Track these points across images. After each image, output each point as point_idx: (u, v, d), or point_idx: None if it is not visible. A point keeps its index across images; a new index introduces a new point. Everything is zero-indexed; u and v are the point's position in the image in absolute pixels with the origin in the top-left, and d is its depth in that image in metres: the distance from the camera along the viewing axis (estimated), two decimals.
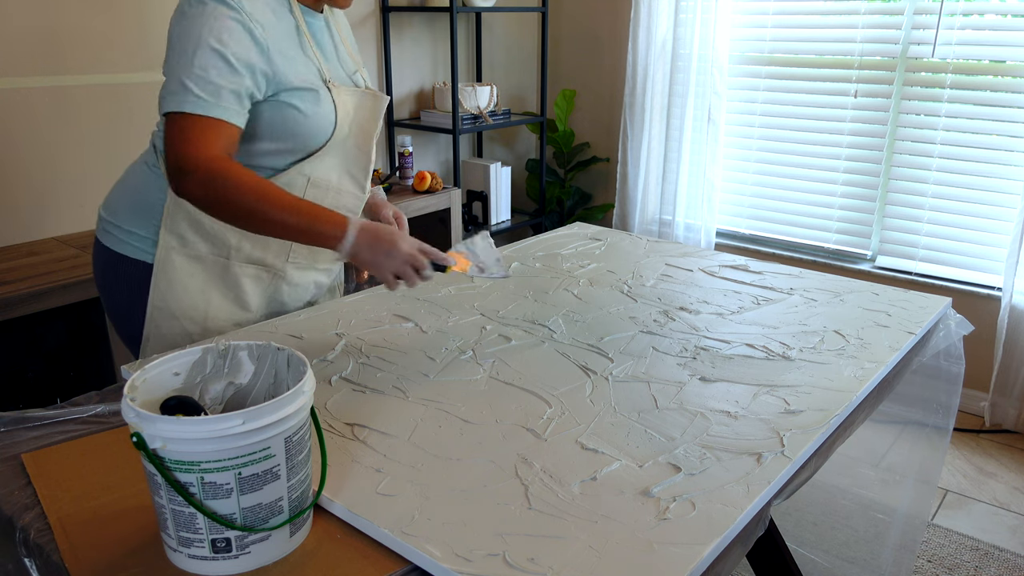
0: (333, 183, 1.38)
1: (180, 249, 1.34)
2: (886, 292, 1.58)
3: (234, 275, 1.37)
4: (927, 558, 2.08)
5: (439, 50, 3.45)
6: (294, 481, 0.80)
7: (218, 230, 1.34)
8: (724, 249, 3.35)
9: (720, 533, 0.83)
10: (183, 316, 1.36)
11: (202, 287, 1.36)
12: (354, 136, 1.38)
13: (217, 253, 1.35)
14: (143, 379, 0.84)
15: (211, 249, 1.35)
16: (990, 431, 2.77)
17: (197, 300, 1.36)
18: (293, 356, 0.88)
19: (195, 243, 1.34)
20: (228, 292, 1.38)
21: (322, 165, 1.35)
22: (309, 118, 1.28)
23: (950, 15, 2.69)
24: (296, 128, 1.28)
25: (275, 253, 1.39)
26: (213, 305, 1.37)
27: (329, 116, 1.31)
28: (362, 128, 1.40)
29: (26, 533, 0.85)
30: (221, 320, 1.38)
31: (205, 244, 1.34)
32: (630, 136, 3.38)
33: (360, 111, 1.39)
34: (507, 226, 3.45)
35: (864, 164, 2.99)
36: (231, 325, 1.39)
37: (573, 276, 1.64)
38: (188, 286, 1.35)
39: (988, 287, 2.79)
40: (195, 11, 1.18)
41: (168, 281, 1.35)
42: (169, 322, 1.36)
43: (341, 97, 1.33)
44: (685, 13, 3.15)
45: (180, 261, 1.34)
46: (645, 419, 1.06)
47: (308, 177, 1.34)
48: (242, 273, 1.38)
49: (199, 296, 1.36)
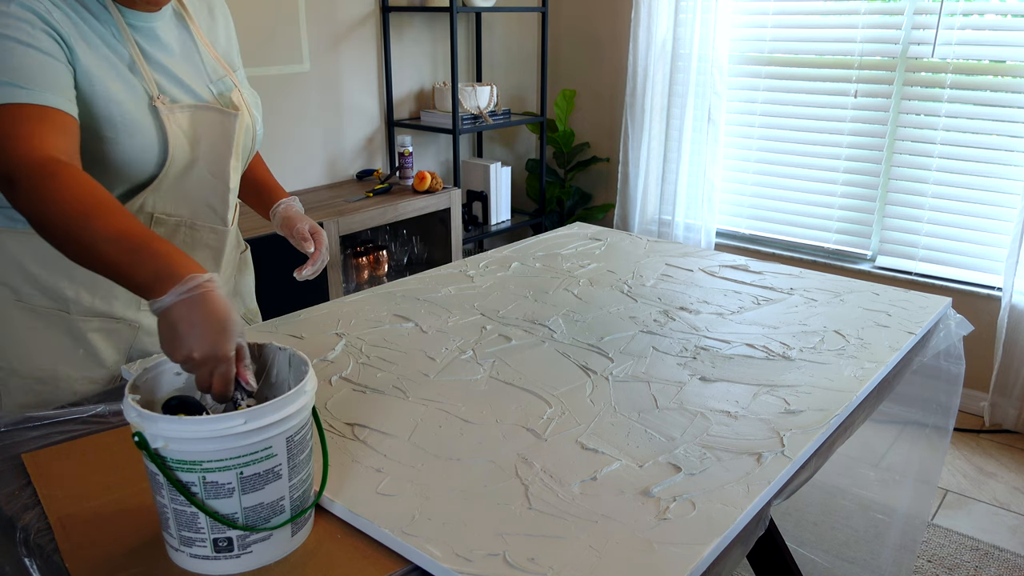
0: (185, 218, 1.16)
1: (14, 301, 1.13)
2: (886, 292, 1.58)
3: (79, 330, 1.15)
4: (927, 558, 2.08)
5: (439, 50, 3.45)
6: (296, 480, 0.80)
7: (48, 279, 1.12)
8: (724, 249, 3.35)
9: (720, 533, 0.83)
10: (30, 377, 1.15)
11: (45, 344, 1.14)
12: (205, 161, 1.15)
13: (54, 306, 1.13)
14: (145, 379, 0.84)
15: (47, 302, 1.13)
16: (990, 431, 2.77)
17: (42, 360, 1.14)
18: (295, 356, 0.88)
19: (30, 295, 1.12)
20: (76, 349, 1.16)
21: (164, 199, 1.12)
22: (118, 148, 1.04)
23: (950, 15, 2.69)
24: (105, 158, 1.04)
25: (124, 303, 1.18)
26: (61, 365, 1.15)
27: (151, 146, 1.07)
28: (214, 151, 1.16)
29: (26, 533, 0.85)
30: (74, 381, 1.17)
31: (40, 296, 1.13)
32: (630, 136, 3.38)
33: (206, 130, 1.15)
34: (507, 226, 3.45)
35: (864, 164, 2.99)
36: (87, 384, 1.18)
37: (573, 276, 1.64)
38: (29, 344, 1.14)
39: (988, 287, 2.79)
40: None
41: (9, 338, 1.14)
42: (16, 383, 1.16)
43: (174, 118, 1.09)
44: (685, 13, 3.15)
45: (17, 315, 1.13)
46: (645, 419, 1.06)
47: (151, 215, 1.12)
48: (87, 328, 1.15)
49: (44, 356, 1.14)
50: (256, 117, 1.25)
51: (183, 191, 1.15)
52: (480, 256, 1.77)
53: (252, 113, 1.23)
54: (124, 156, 1.05)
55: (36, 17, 0.97)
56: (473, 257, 1.76)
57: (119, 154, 1.05)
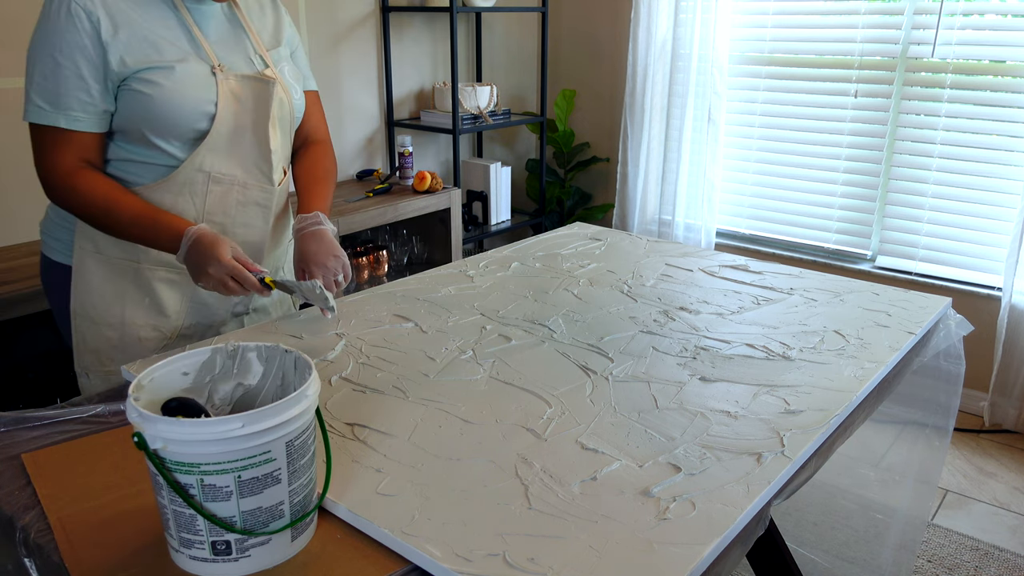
0: (238, 177, 1.33)
1: (93, 253, 1.31)
2: (886, 292, 1.58)
3: (146, 279, 1.33)
4: (927, 558, 2.08)
5: (439, 50, 3.45)
6: (296, 485, 0.80)
7: None
8: (724, 249, 3.35)
9: (720, 533, 0.83)
10: (101, 322, 1.32)
11: (117, 292, 1.32)
12: (250, 127, 1.32)
13: (127, 257, 1.31)
14: (150, 379, 0.84)
15: (121, 253, 1.31)
16: (990, 431, 2.77)
17: (113, 305, 1.32)
18: (300, 359, 0.88)
19: (106, 247, 1.31)
20: (143, 297, 1.33)
21: (218, 159, 1.30)
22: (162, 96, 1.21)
23: (950, 15, 2.69)
24: (148, 111, 1.21)
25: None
26: (129, 310, 1.33)
27: (200, 97, 1.24)
28: (256, 116, 1.33)
29: (26, 533, 0.85)
30: (139, 325, 1.34)
31: (116, 248, 1.31)
32: (630, 136, 3.38)
33: (249, 98, 1.31)
34: (507, 226, 3.45)
35: (864, 164, 2.99)
36: (150, 330, 1.35)
37: (573, 276, 1.64)
38: (103, 291, 1.32)
39: (988, 287, 2.79)
40: (41, 15, 1.17)
41: (85, 286, 1.32)
42: (90, 328, 1.33)
43: (228, 83, 1.28)
44: (685, 13, 3.15)
45: (94, 265, 1.31)
46: (645, 419, 1.06)
47: (208, 174, 1.29)
48: (153, 277, 1.33)
49: (115, 301, 1.32)
50: (292, 93, 1.40)
51: (234, 153, 1.32)
52: (480, 256, 1.77)
53: (287, 89, 1.38)
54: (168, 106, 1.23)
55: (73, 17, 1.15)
56: (473, 257, 1.76)
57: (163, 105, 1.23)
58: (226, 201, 1.33)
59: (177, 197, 1.29)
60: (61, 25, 1.15)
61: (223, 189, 1.32)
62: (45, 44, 1.16)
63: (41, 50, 1.16)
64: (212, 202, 1.31)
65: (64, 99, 1.17)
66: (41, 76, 1.16)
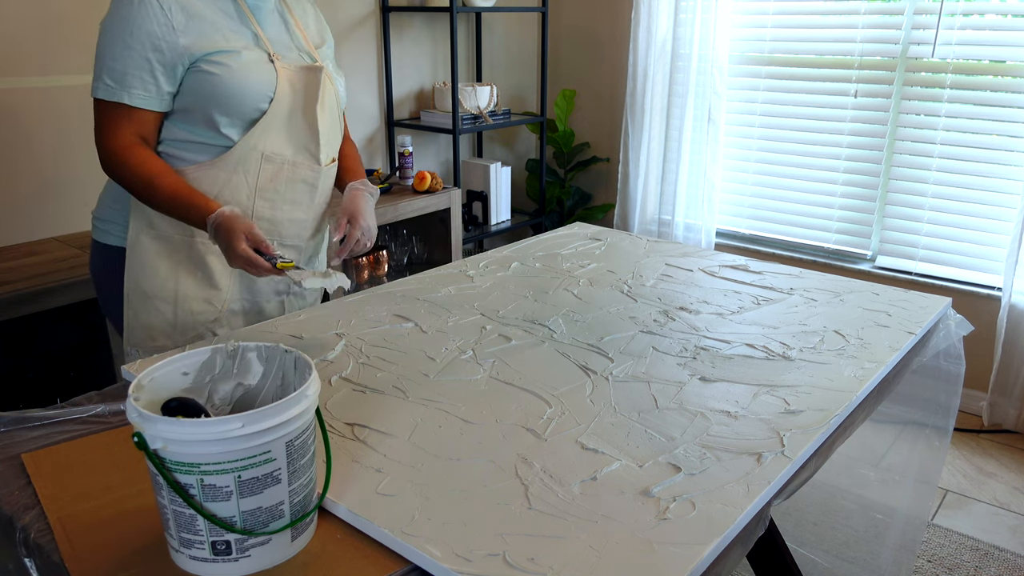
0: (288, 157, 1.41)
1: (147, 230, 1.39)
2: (886, 292, 1.58)
3: (199, 253, 1.40)
4: (927, 558, 2.08)
5: (439, 50, 3.45)
6: (296, 485, 0.80)
7: None
8: (724, 249, 3.35)
9: (720, 533, 0.83)
10: (155, 297, 1.40)
11: (171, 267, 1.40)
12: (301, 111, 1.41)
13: (182, 232, 1.39)
14: (150, 378, 0.83)
15: (176, 228, 1.38)
16: (990, 431, 2.77)
17: (167, 280, 1.40)
18: (300, 359, 0.88)
19: (160, 224, 1.38)
20: (196, 271, 1.41)
21: (272, 139, 1.38)
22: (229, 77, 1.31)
23: (950, 15, 2.69)
24: (216, 90, 1.31)
25: None
26: (183, 284, 1.40)
27: (262, 80, 1.34)
28: (306, 100, 1.42)
29: (26, 533, 0.85)
30: (191, 299, 1.41)
31: (170, 224, 1.38)
32: (630, 136, 3.38)
33: (301, 85, 1.41)
34: (507, 226, 3.45)
35: (864, 164, 2.99)
36: (203, 304, 1.42)
37: (573, 276, 1.64)
38: (158, 267, 1.39)
39: (988, 287, 2.79)
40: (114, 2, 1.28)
41: (140, 262, 1.39)
42: (144, 303, 1.40)
43: (283, 70, 1.38)
44: (685, 13, 3.15)
45: (148, 242, 1.39)
46: (645, 419, 1.06)
47: (261, 152, 1.38)
48: (207, 251, 1.40)
49: (169, 276, 1.40)
50: (338, 84, 1.51)
51: (286, 134, 1.40)
52: (480, 256, 1.77)
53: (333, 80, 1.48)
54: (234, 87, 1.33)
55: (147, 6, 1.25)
56: (473, 257, 1.76)
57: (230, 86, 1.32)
58: (277, 179, 1.41)
59: (232, 175, 1.37)
60: (135, 11, 1.25)
61: (274, 167, 1.40)
62: (117, 28, 1.26)
63: (113, 33, 1.27)
64: (264, 179, 1.40)
65: (130, 79, 1.27)
66: (111, 57, 1.27)
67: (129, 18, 1.26)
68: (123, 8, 1.27)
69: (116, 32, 1.27)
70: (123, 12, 1.26)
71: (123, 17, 1.26)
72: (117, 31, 1.27)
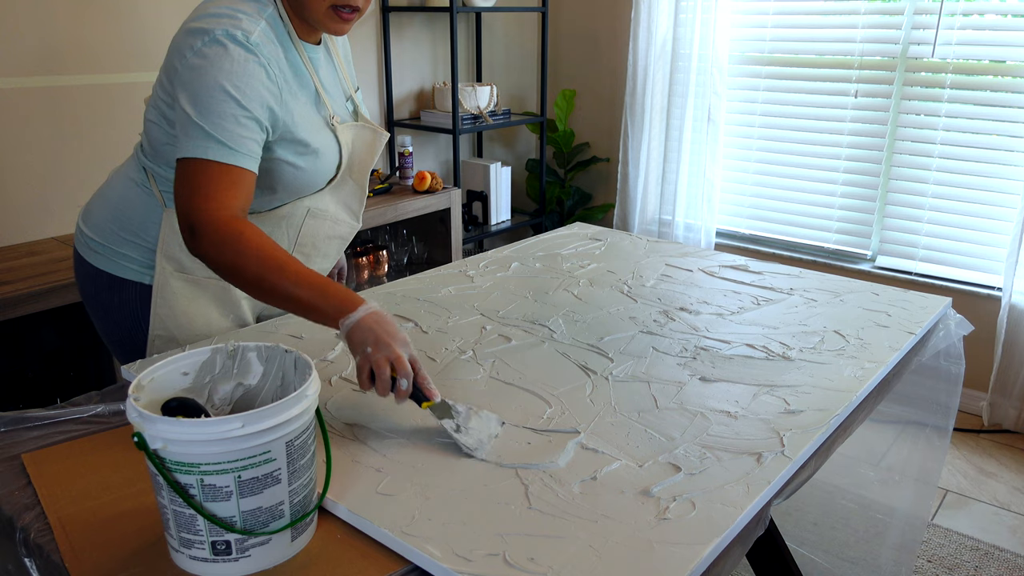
0: (331, 213, 1.40)
1: (177, 274, 1.31)
2: (886, 292, 1.58)
3: (235, 296, 1.37)
4: (927, 558, 2.08)
5: (439, 50, 3.45)
6: (296, 485, 0.80)
7: None
8: (724, 249, 3.35)
9: (720, 533, 0.83)
10: (185, 340, 1.33)
11: (203, 311, 1.34)
12: (354, 171, 1.39)
13: (212, 276, 1.32)
14: (150, 378, 0.83)
15: (207, 272, 1.31)
16: (990, 431, 2.77)
17: (198, 325, 1.34)
18: (300, 359, 0.88)
19: (192, 268, 1.31)
20: (228, 312, 1.38)
21: (320, 200, 1.37)
22: (305, 172, 1.27)
23: (950, 15, 2.69)
24: (285, 179, 1.26)
25: None
26: (214, 327, 1.36)
27: (332, 162, 1.30)
28: (361, 163, 1.40)
29: (26, 533, 0.85)
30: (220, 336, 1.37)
31: (200, 267, 1.30)
32: (630, 136, 3.38)
33: (360, 144, 1.38)
34: (507, 226, 3.45)
35: (864, 164, 2.99)
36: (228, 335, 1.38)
37: (573, 276, 1.64)
38: (189, 311, 1.33)
39: (988, 287, 2.79)
40: (213, 52, 1.11)
41: (169, 308, 1.32)
42: (169, 344, 1.34)
43: (345, 136, 1.31)
44: (685, 13, 3.15)
45: (179, 286, 1.31)
46: (645, 419, 1.06)
47: (308, 208, 1.36)
48: (240, 294, 1.37)
49: (200, 320, 1.34)
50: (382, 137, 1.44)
51: (335, 194, 1.38)
52: (480, 256, 1.77)
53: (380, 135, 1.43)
54: (313, 175, 1.28)
55: (259, 67, 1.14)
56: (473, 257, 1.76)
57: (309, 174, 1.27)
58: (317, 234, 1.40)
59: (274, 228, 1.33)
60: (250, 70, 1.12)
61: (317, 223, 1.39)
62: (227, 85, 1.11)
63: (221, 91, 1.11)
64: (305, 233, 1.38)
65: (246, 142, 1.12)
66: (219, 116, 1.10)
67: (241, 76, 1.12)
68: (235, 65, 1.11)
69: (225, 89, 1.11)
70: (235, 69, 1.11)
71: (234, 73, 1.11)
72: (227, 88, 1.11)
